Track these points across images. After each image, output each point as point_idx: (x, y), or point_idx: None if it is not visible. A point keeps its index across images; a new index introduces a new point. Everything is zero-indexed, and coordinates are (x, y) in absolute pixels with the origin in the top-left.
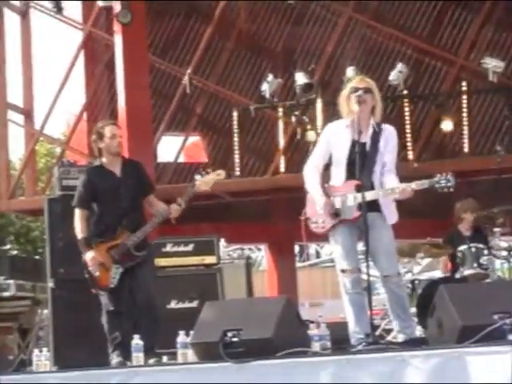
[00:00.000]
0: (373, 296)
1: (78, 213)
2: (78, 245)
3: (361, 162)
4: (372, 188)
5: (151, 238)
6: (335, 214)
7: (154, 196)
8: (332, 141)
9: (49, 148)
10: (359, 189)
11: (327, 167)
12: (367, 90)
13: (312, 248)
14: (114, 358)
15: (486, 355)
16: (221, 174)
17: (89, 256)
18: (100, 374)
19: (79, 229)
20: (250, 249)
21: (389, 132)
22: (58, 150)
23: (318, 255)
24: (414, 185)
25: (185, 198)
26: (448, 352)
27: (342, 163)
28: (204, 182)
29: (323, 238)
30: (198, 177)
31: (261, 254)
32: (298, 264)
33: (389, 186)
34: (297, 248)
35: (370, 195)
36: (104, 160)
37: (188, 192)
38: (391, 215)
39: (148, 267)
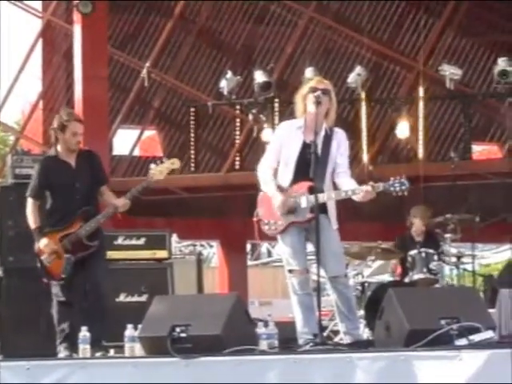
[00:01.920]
0: (322, 297)
1: (30, 202)
2: (32, 234)
3: (313, 163)
4: (322, 191)
5: (104, 229)
6: (289, 213)
7: (107, 187)
8: (283, 140)
9: (1, 136)
10: (312, 190)
11: None
12: (325, 92)
13: (264, 247)
14: (62, 351)
15: (433, 360)
16: (175, 162)
17: (43, 243)
18: (45, 365)
19: (32, 219)
20: (201, 245)
21: (340, 135)
22: (12, 138)
23: (269, 254)
24: (370, 187)
25: (138, 188)
26: (395, 355)
27: (290, 164)
28: (158, 170)
29: (274, 237)
30: (152, 166)
31: (212, 251)
32: (250, 262)
33: (347, 187)
34: (248, 246)
35: (323, 197)
36: (59, 149)
37: (143, 183)
38: (334, 219)
39: (100, 258)
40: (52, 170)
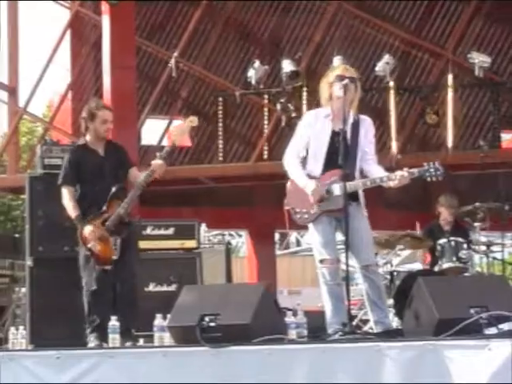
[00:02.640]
0: (351, 286)
1: (65, 191)
2: (64, 223)
3: (343, 151)
4: (354, 178)
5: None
6: (322, 201)
7: (135, 168)
8: (311, 129)
9: (30, 126)
10: (344, 178)
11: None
12: (352, 80)
13: (293, 236)
14: (92, 341)
15: (462, 349)
16: (193, 120)
17: (87, 230)
18: (75, 354)
19: (71, 206)
20: (230, 234)
21: (367, 122)
22: (40, 128)
23: (298, 243)
24: (406, 173)
25: (167, 149)
26: (424, 344)
27: (320, 153)
28: (180, 130)
29: (304, 226)
30: (172, 127)
31: (241, 241)
32: (278, 252)
33: (377, 174)
34: (277, 236)
35: (357, 184)
36: (88, 139)
37: (168, 145)
38: (364, 207)
39: (133, 247)
40: (81, 158)
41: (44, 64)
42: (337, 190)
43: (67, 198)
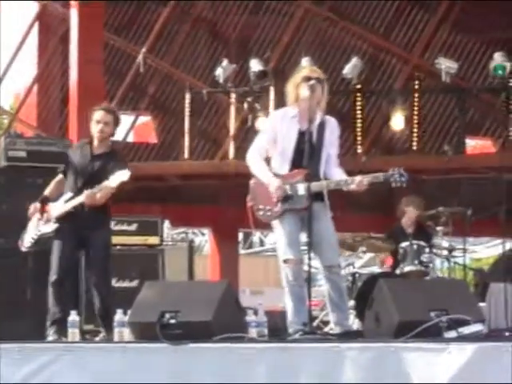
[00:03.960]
0: (313, 287)
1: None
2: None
3: (307, 152)
4: (318, 179)
5: None
6: (286, 199)
7: (108, 183)
8: (277, 129)
9: None
10: (308, 178)
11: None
12: (319, 81)
13: (256, 236)
14: (51, 334)
15: (422, 351)
16: (125, 174)
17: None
18: (34, 348)
19: (47, 188)
20: (193, 233)
21: (333, 124)
22: (6, 121)
23: (261, 243)
24: (370, 177)
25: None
26: (384, 346)
27: (287, 153)
28: (112, 179)
29: (268, 226)
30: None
31: (204, 239)
32: (242, 251)
33: (338, 177)
34: (241, 235)
35: (321, 185)
36: (93, 140)
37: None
38: (329, 208)
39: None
40: (74, 153)
41: (11, 57)
42: (301, 189)
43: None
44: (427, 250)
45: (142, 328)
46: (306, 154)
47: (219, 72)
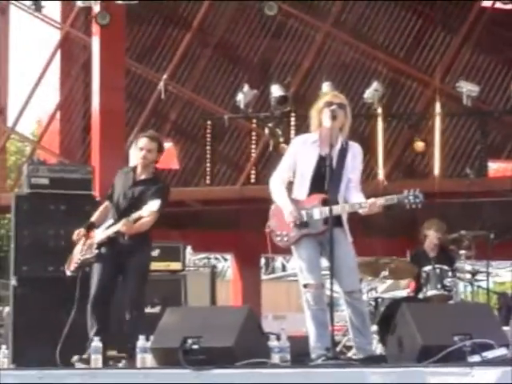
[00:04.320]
0: (335, 312)
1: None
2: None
3: (328, 176)
4: (337, 203)
5: None
6: (301, 225)
7: (147, 213)
8: (298, 154)
9: (19, 146)
10: (325, 203)
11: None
12: (341, 106)
13: (278, 261)
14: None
15: (445, 376)
16: (155, 204)
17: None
18: (57, 375)
19: (94, 214)
20: (216, 258)
21: (355, 149)
22: (29, 148)
23: (283, 268)
24: (383, 200)
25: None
26: (407, 370)
27: (306, 178)
28: (142, 212)
29: (289, 251)
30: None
31: (226, 265)
32: (264, 276)
33: (355, 200)
34: (263, 260)
35: (337, 209)
36: (137, 166)
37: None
38: (348, 232)
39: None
40: (119, 178)
41: (33, 83)
42: (316, 214)
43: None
44: (450, 273)
45: (165, 354)
46: (325, 179)
47: (240, 97)
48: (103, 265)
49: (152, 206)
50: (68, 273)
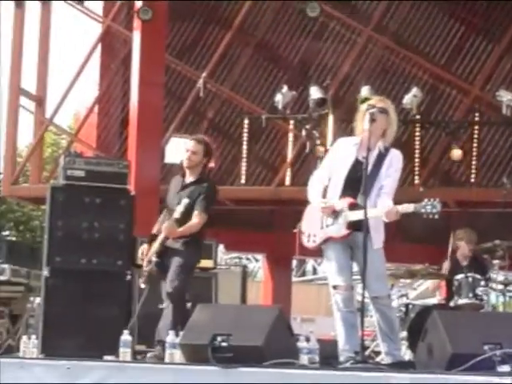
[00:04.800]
0: (367, 317)
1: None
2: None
3: (364, 180)
4: (364, 208)
5: None
6: (328, 226)
7: (196, 215)
8: (337, 155)
9: (55, 138)
10: (352, 207)
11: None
12: (382, 111)
13: (309, 264)
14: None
15: None
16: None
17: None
18: (85, 366)
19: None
20: (247, 259)
21: (394, 156)
22: (65, 141)
23: (314, 271)
24: (401, 208)
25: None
26: (436, 377)
27: (340, 180)
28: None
29: (318, 253)
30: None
31: (258, 265)
32: (295, 278)
33: (379, 207)
34: (294, 262)
35: (357, 214)
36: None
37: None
38: (378, 238)
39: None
40: (173, 181)
41: (73, 76)
42: (342, 217)
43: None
44: (482, 283)
45: (194, 350)
46: (360, 182)
47: (278, 98)
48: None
49: (180, 207)
50: (142, 286)
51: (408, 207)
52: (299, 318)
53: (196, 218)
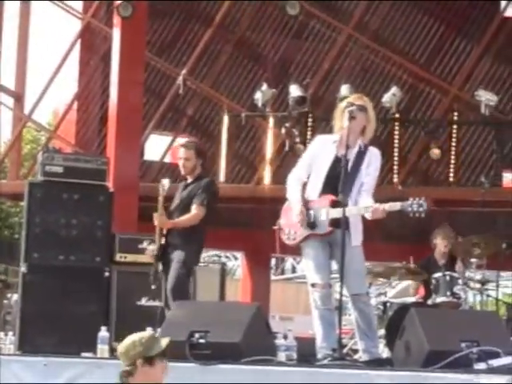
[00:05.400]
0: (345, 316)
1: None
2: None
3: (343, 178)
4: (347, 205)
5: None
6: (308, 226)
7: (195, 207)
8: (316, 153)
9: (35, 135)
10: (334, 204)
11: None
12: (361, 108)
13: (288, 263)
14: None
15: (451, 382)
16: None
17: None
18: (62, 362)
19: None
20: (226, 257)
21: (373, 154)
22: (44, 138)
23: (293, 270)
24: (387, 206)
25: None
26: (413, 375)
27: (320, 177)
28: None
29: (298, 251)
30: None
31: (237, 263)
32: (273, 277)
33: (362, 205)
34: (273, 261)
35: (340, 212)
36: None
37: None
38: (357, 236)
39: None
40: (178, 185)
41: (52, 72)
42: (323, 215)
43: None
44: (460, 281)
45: (171, 347)
46: (339, 181)
47: (258, 96)
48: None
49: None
50: (152, 287)
51: (394, 205)
52: (278, 316)
53: (194, 211)
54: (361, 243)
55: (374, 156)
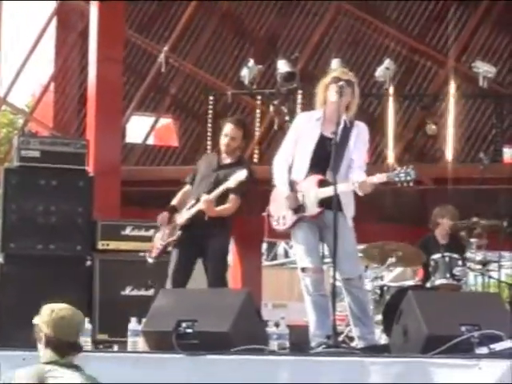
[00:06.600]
0: (340, 302)
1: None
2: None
3: (334, 155)
4: (335, 184)
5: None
6: (298, 210)
7: (232, 198)
8: (300, 131)
9: (11, 118)
10: (321, 184)
11: None
12: (349, 83)
13: (281, 247)
14: None
15: (450, 367)
16: (243, 173)
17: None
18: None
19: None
20: None
21: (360, 128)
22: (21, 121)
23: (286, 255)
24: (375, 178)
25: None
26: (410, 361)
27: (306, 157)
28: (228, 183)
29: (289, 236)
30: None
31: None
32: (265, 263)
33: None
34: (265, 246)
35: (328, 191)
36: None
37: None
38: (349, 217)
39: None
40: (202, 162)
41: (26, 53)
42: (311, 196)
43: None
44: (460, 262)
45: (157, 337)
46: (326, 160)
47: (244, 73)
48: (182, 248)
49: (240, 176)
50: (150, 260)
51: (381, 177)
52: (270, 304)
53: (231, 202)
54: (352, 225)
55: (361, 130)
